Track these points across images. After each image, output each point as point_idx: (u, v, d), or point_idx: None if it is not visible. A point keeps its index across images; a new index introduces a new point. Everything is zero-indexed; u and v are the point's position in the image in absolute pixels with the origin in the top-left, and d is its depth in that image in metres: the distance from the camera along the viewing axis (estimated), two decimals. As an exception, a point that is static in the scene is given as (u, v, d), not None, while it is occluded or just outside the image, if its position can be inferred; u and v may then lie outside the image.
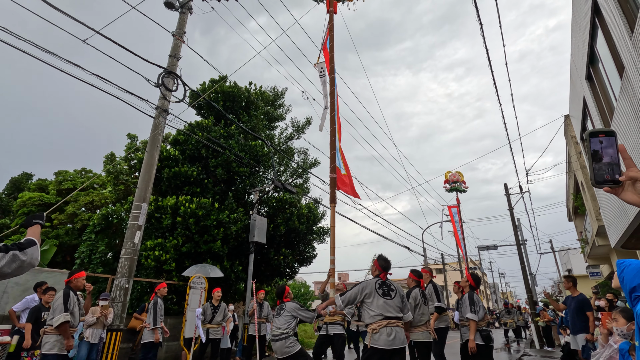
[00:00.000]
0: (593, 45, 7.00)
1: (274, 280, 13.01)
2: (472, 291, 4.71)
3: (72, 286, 4.34)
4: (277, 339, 4.45)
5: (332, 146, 7.71)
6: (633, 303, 1.90)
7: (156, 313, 5.92)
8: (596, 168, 0.92)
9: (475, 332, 4.46)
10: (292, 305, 4.64)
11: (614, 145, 0.91)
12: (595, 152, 0.92)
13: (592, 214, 11.81)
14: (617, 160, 0.91)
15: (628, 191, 0.89)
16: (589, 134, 0.94)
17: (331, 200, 7.21)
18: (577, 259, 26.66)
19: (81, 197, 16.50)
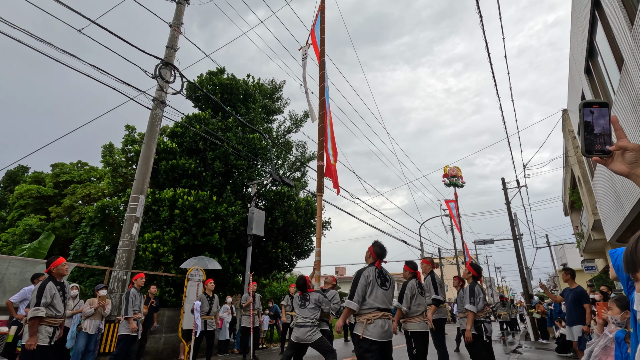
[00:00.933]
0: (592, 38, 6.98)
1: (272, 273, 13.06)
2: (474, 282, 4.72)
3: (54, 274, 4.13)
4: (301, 326, 4.68)
5: (321, 132, 7.33)
6: (629, 291, 1.92)
7: (128, 303, 5.73)
8: (587, 138, 0.92)
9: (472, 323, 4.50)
10: (316, 296, 4.86)
11: (606, 117, 0.92)
12: (587, 122, 0.93)
13: (589, 208, 11.88)
14: (609, 131, 0.92)
15: (617, 161, 0.90)
16: (582, 104, 0.95)
17: (318, 189, 6.98)
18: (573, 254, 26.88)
19: (78, 189, 16.42)
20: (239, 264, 10.66)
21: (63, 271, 4.22)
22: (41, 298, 3.92)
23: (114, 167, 13.69)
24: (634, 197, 6.08)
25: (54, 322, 4.09)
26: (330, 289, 5.96)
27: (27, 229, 14.93)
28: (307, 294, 4.97)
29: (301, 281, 5.13)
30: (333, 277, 6.22)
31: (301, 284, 5.10)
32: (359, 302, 3.32)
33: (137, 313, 5.93)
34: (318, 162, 7.29)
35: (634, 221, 7.11)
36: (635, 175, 0.87)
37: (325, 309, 4.95)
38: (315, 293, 5.00)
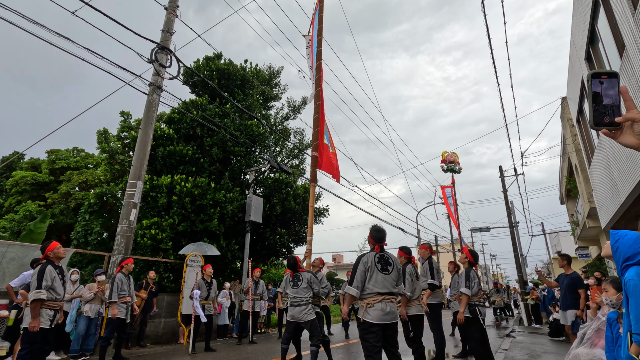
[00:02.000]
0: (594, 24, 6.91)
1: (270, 259, 13.15)
2: (470, 267, 4.78)
3: (52, 258, 4.14)
4: (296, 305, 4.95)
5: (316, 123, 7.31)
6: (622, 272, 1.95)
7: (112, 288, 5.74)
8: (596, 110, 0.88)
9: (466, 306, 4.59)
10: (308, 275, 5.12)
11: (615, 87, 0.88)
12: (596, 93, 0.89)
13: (585, 196, 11.97)
14: (618, 102, 0.88)
15: (626, 134, 0.87)
16: (591, 74, 0.91)
17: (311, 180, 6.98)
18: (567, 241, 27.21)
19: (74, 176, 16.34)
20: (237, 250, 10.72)
21: (60, 254, 4.23)
22: (42, 281, 3.95)
23: (110, 154, 13.60)
24: (630, 184, 6.12)
25: (54, 305, 4.12)
26: (319, 272, 6.09)
27: (27, 214, 14.91)
28: (299, 273, 5.16)
29: (292, 260, 5.31)
30: (320, 260, 6.29)
31: (292, 263, 5.28)
32: (358, 287, 3.35)
33: (125, 297, 5.86)
34: (312, 153, 7.24)
35: (629, 209, 7.18)
36: None
37: (315, 290, 5.16)
38: (306, 273, 5.20)
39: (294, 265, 5.31)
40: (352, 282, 3.40)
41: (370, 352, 3.22)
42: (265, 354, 6.54)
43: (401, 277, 3.61)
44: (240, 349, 7.37)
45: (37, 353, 3.98)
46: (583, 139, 10.64)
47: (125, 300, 5.84)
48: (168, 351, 7.11)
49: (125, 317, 5.84)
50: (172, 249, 9.47)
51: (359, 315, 3.40)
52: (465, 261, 4.90)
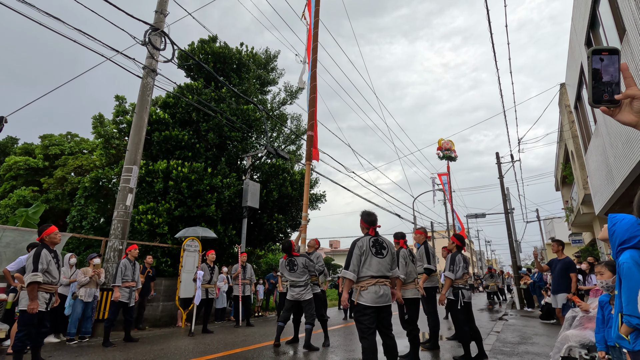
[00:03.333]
0: (595, 8, 6.81)
1: (267, 244, 13.23)
2: (456, 252, 4.90)
3: (47, 242, 4.15)
4: (294, 286, 5.37)
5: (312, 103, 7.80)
6: (617, 255, 1.97)
7: (117, 273, 5.92)
8: (595, 87, 0.87)
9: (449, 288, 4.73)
10: (302, 260, 5.47)
11: (616, 64, 0.87)
12: (595, 70, 0.88)
13: (580, 183, 12.05)
14: (618, 79, 0.87)
15: (625, 111, 0.85)
16: (591, 51, 0.89)
17: (307, 158, 7.45)
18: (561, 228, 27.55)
19: (69, 161, 16.21)
20: (234, 236, 10.77)
21: (55, 239, 4.23)
22: (38, 264, 3.95)
23: (105, 139, 13.45)
24: (625, 170, 6.16)
25: (49, 289, 4.14)
26: (315, 251, 6.26)
27: (21, 200, 14.84)
28: (294, 257, 5.46)
29: (287, 244, 5.61)
30: (316, 240, 6.43)
31: (287, 247, 5.58)
32: (355, 271, 3.39)
33: (128, 282, 6.05)
34: (308, 132, 7.54)
35: (624, 195, 7.24)
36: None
37: (312, 272, 5.53)
38: (300, 257, 5.51)
39: (289, 248, 5.55)
40: (348, 267, 3.44)
41: (365, 333, 3.28)
42: (262, 336, 6.65)
43: (395, 261, 3.65)
44: (237, 331, 7.49)
45: (34, 335, 4.02)
46: (580, 126, 10.64)
47: (129, 285, 6.01)
48: (166, 333, 7.22)
49: (128, 301, 6.01)
50: (168, 233, 9.50)
51: (352, 298, 3.44)
52: (453, 246, 5.03)
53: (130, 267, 6.12)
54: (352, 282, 3.43)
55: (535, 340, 6.14)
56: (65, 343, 5.96)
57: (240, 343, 5.97)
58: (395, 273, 3.62)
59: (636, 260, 1.84)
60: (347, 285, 3.47)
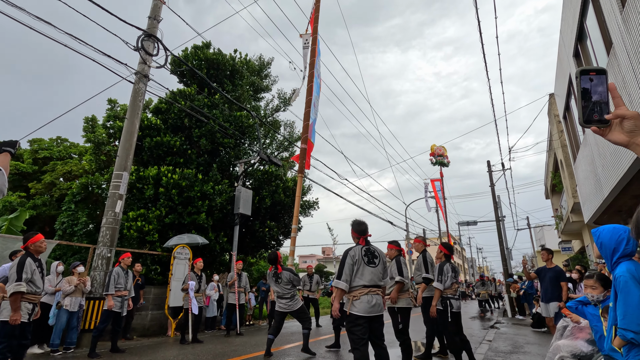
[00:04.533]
0: (583, 21, 6.97)
1: (259, 251, 13.12)
2: (444, 261, 4.83)
3: (32, 251, 4.04)
4: (282, 297, 5.47)
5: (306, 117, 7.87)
6: (613, 267, 1.98)
7: (110, 281, 5.85)
8: (585, 107, 0.88)
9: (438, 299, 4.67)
10: (287, 274, 5.55)
11: (604, 84, 0.88)
12: (585, 90, 0.88)
13: (569, 191, 12.22)
14: (607, 99, 0.87)
15: (615, 131, 0.86)
16: (579, 71, 0.90)
17: (300, 171, 7.54)
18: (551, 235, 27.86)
19: (58, 166, 15.95)
20: (225, 243, 10.65)
21: (41, 248, 4.12)
22: (22, 273, 3.84)
23: (96, 144, 13.27)
24: (613, 180, 6.26)
25: (33, 299, 4.02)
26: None
27: (7, 205, 14.51)
28: (279, 273, 5.58)
29: (272, 255, 5.71)
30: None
31: (272, 258, 5.68)
32: (347, 281, 3.36)
33: (121, 291, 5.95)
34: (301, 145, 7.60)
35: (612, 204, 7.35)
36: (635, 144, 0.83)
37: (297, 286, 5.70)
38: (285, 272, 5.59)
39: (274, 260, 5.65)
40: (340, 276, 3.40)
41: (357, 344, 3.24)
42: (253, 346, 6.54)
43: (387, 270, 3.65)
44: (228, 340, 7.36)
45: (15, 347, 3.89)
46: (569, 135, 10.82)
47: (122, 294, 5.92)
48: (155, 343, 7.06)
49: (120, 310, 5.91)
50: (158, 241, 9.35)
51: (345, 308, 3.41)
52: (441, 255, 4.97)
53: (123, 276, 6.04)
54: (344, 292, 3.39)
55: (527, 349, 6.14)
56: (49, 354, 5.79)
57: (230, 353, 5.86)
58: (386, 282, 3.62)
59: (632, 273, 1.84)
60: (338, 295, 3.43)
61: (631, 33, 4.53)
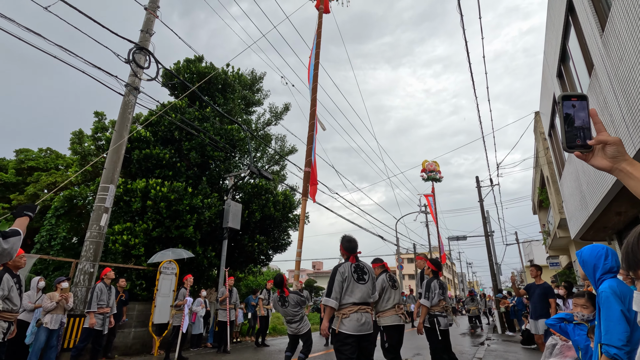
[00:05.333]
0: (565, 43, 7.22)
1: (248, 266, 12.91)
2: (432, 278, 4.79)
3: (10, 266, 3.90)
4: (291, 322, 5.45)
5: (310, 140, 7.92)
6: (597, 285, 2.00)
7: (92, 297, 5.67)
8: (568, 132, 0.89)
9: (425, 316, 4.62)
10: (293, 297, 5.48)
11: (585, 110, 0.89)
12: (567, 115, 0.89)
13: (555, 207, 12.41)
14: (589, 124, 0.89)
15: (598, 156, 0.86)
16: (561, 97, 0.91)
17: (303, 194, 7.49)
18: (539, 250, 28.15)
19: (43, 177, 15.61)
20: (214, 257, 10.46)
21: (20, 263, 3.98)
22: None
23: (82, 156, 13.06)
24: (598, 197, 6.38)
25: (8, 317, 3.85)
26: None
27: (-13, 218, 14.07)
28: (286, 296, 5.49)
29: (279, 279, 5.58)
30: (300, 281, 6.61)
31: (279, 282, 5.56)
32: (337, 299, 3.29)
33: (103, 307, 5.75)
34: (305, 169, 7.68)
35: (597, 220, 7.47)
36: (618, 170, 0.83)
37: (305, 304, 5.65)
38: (292, 295, 5.52)
39: (280, 283, 5.54)
40: (330, 294, 3.32)
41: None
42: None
43: (375, 287, 3.61)
44: (215, 359, 7.14)
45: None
46: (554, 152, 11.07)
47: (103, 311, 5.73)
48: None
49: (102, 328, 5.71)
50: (144, 255, 9.14)
51: (333, 326, 3.34)
52: (429, 271, 4.94)
53: (106, 292, 5.86)
54: (333, 309, 3.31)
55: (517, 367, 6.10)
56: (24, 375, 5.52)
57: (215, 373, 5.68)
58: (374, 298, 3.57)
59: (614, 289, 1.86)
60: (328, 313, 3.34)
61: (611, 56, 4.70)
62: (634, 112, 4.22)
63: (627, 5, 3.97)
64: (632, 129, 4.35)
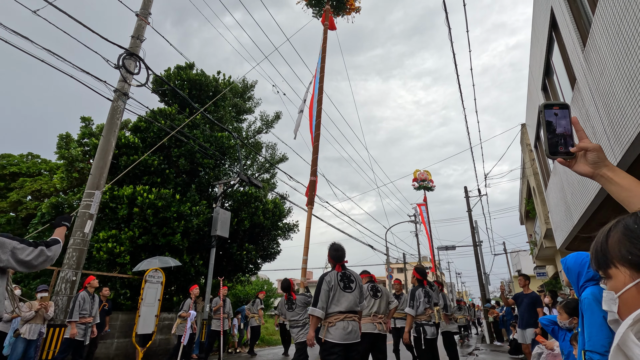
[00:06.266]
0: (549, 58, 7.44)
1: (236, 275, 12.74)
2: (417, 286, 4.80)
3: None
4: (294, 327, 5.37)
5: (315, 150, 8.35)
6: (580, 291, 2.02)
7: (74, 307, 5.51)
8: (550, 138, 0.91)
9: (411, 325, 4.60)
10: (301, 298, 5.51)
11: (567, 118, 0.91)
12: (549, 122, 0.91)
13: (542, 218, 12.61)
14: (570, 132, 0.91)
15: (580, 163, 0.88)
16: (543, 105, 0.93)
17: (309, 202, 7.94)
18: (526, 260, 28.48)
19: (27, 183, 15.25)
20: (201, 266, 10.30)
21: None
22: None
23: (69, 161, 12.82)
24: (582, 207, 6.51)
25: None
26: None
27: (-34, 224, 13.64)
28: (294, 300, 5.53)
29: (285, 283, 5.68)
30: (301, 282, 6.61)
31: (285, 286, 5.65)
32: (323, 308, 3.28)
33: (85, 317, 5.58)
34: (311, 178, 8.10)
35: (582, 230, 7.61)
36: (599, 175, 0.85)
37: None
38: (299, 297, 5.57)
39: (288, 287, 5.61)
40: (316, 303, 3.31)
41: (332, 374, 3.12)
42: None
43: (362, 294, 3.59)
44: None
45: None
46: (540, 164, 11.30)
47: (85, 321, 5.55)
48: (119, 375, 6.60)
49: (83, 339, 5.53)
50: (130, 263, 8.94)
51: (319, 335, 3.31)
52: (414, 280, 4.95)
53: (89, 301, 5.69)
54: (319, 319, 3.30)
55: (505, 376, 6.10)
56: (-1, 388, 5.30)
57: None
58: (362, 307, 3.55)
59: (596, 296, 1.89)
60: (314, 323, 3.32)
61: (592, 70, 4.86)
62: (614, 125, 4.35)
63: (607, 22, 4.12)
64: (613, 141, 4.47)
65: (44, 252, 2.05)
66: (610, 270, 0.60)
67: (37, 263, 2.02)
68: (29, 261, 1.99)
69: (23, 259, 1.96)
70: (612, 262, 0.60)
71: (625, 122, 4.01)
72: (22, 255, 1.96)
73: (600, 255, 0.64)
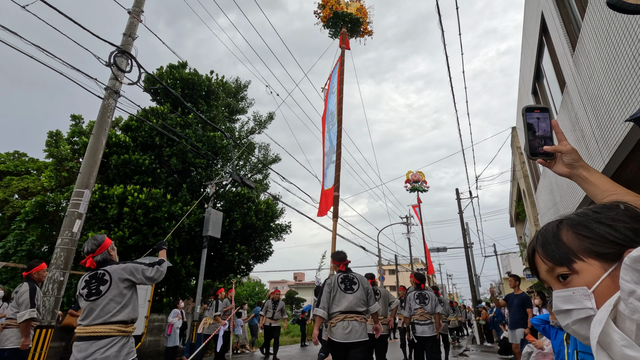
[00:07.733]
0: (539, 62, 7.57)
1: (228, 276, 12.66)
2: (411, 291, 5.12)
3: (35, 279, 3.87)
4: None
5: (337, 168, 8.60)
6: None
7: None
8: (531, 140, 0.95)
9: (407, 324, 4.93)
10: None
11: (547, 120, 0.96)
12: (530, 125, 0.95)
13: (532, 220, 12.79)
14: (550, 134, 0.95)
15: (559, 164, 0.93)
16: (525, 109, 0.97)
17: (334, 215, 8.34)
18: (516, 262, 28.82)
19: (14, 182, 14.96)
20: (192, 267, 10.21)
21: (43, 277, 3.91)
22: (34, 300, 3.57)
23: (58, 159, 12.60)
24: (570, 209, 6.61)
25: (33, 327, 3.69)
26: None
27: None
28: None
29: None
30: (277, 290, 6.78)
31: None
32: (325, 308, 3.48)
33: None
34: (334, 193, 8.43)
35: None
36: (576, 175, 0.90)
37: None
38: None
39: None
40: (319, 304, 3.55)
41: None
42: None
43: (371, 296, 3.74)
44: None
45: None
46: (530, 166, 11.46)
47: None
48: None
49: None
50: (119, 264, 8.83)
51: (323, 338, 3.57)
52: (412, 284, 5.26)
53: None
54: (322, 319, 3.50)
55: (495, 376, 6.16)
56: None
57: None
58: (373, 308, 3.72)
59: None
60: (317, 323, 3.54)
61: (581, 74, 4.95)
62: (602, 128, 4.43)
63: (595, 27, 4.21)
64: (601, 144, 4.56)
65: (159, 269, 2.83)
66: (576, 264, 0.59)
67: (157, 277, 2.82)
68: (152, 277, 2.79)
69: (149, 275, 2.77)
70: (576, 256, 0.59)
71: (613, 124, 4.09)
72: (148, 274, 2.77)
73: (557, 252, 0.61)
